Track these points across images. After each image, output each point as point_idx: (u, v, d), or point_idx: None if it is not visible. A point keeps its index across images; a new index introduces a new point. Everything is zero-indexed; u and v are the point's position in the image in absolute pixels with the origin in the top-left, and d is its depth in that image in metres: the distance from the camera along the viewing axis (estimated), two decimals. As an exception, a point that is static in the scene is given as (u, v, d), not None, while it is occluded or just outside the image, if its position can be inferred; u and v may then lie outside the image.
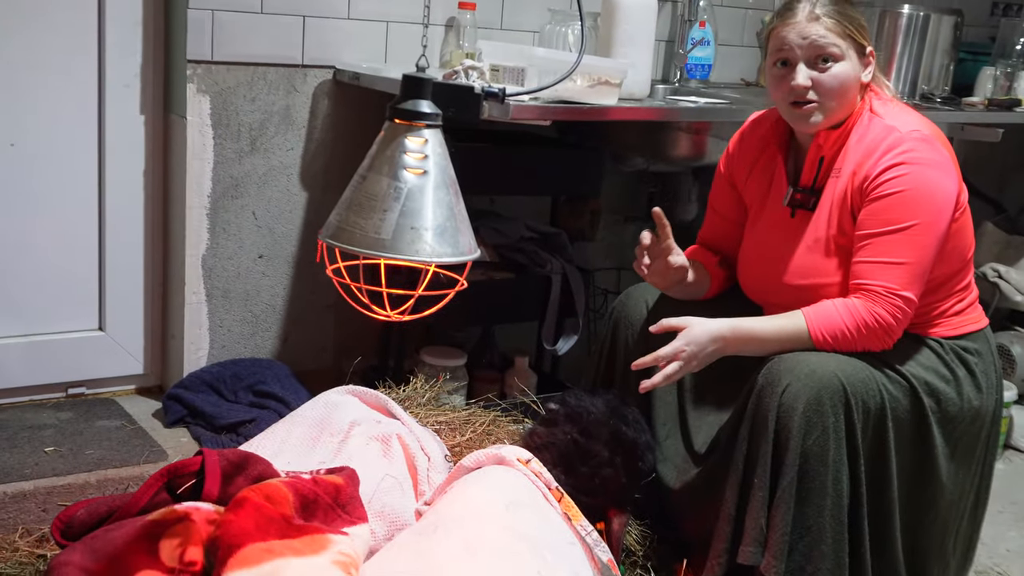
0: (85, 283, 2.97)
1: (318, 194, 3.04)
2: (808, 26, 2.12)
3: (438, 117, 1.74)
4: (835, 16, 2.13)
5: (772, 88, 2.21)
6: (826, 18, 2.12)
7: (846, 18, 2.14)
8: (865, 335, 2.07)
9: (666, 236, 2.26)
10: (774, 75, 2.19)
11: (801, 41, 2.13)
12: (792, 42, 2.14)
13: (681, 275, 2.29)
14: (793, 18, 2.14)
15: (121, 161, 2.92)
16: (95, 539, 1.67)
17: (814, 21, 2.12)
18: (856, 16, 2.17)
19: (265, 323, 3.07)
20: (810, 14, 2.13)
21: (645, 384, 2.12)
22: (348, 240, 1.67)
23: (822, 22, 2.12)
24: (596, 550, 1.94)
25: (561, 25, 3.09)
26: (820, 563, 2.00)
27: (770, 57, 2.19)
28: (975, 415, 2.20)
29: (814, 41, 2.12)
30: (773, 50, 2.18)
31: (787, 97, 2.17)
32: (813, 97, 2.14)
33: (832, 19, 2.12)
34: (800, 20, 2.13)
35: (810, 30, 2.12)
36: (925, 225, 2.06)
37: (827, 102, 2.15)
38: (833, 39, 2.12)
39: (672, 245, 2.27)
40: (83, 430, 2.79)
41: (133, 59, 2.87)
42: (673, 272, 2.28)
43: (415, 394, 2.60)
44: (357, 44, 2.99)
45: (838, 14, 2.13)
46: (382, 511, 1.95)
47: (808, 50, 2.13)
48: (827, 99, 2.14)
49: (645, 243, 2.27)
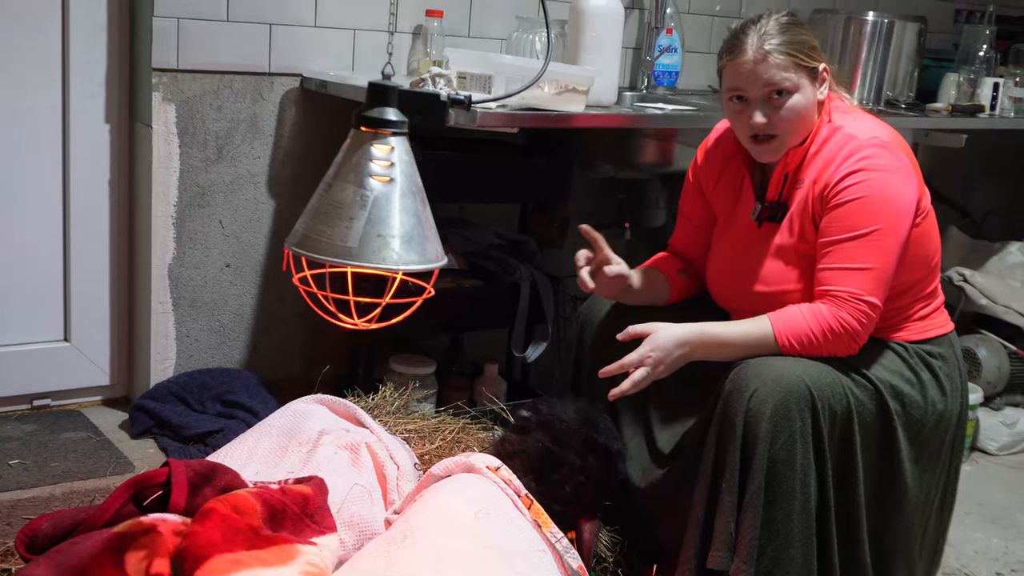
0: (50, 293, 2.94)
1: (286, 203, 3.03)
2: (758, 66, 2.11)
3: (404, 124, 1.74)
4: (784, 50, 2.10)
5: (731, 121, 2.23)
6: (775, 54, 2.10)
7: (795, 47, 2.12)
8: (831, 340, 2.08)
9: (600, 249, 2.27)
10: (731, 109, 2.19)
11: (753, 79, 2.12)
12: (744, 80, 2.13)
13: (624, 283, 2.30)
14: (742, 56, 2.12)
15: (86, 170, 2.90)
16: (60, 552, 1.65)
17: (763, 60, 2.10)
18: (805, 39, 2.15)
19: (233, 332, 3.05)
20: (758, 52, 2.11)
21: (614, 392, 2.12)
22: (314, 248, 1.66)
23: (771, 59, 2.10)
24: (566, 557, 1.94)
25: (528, 32, 3.09)
26: (789, 567, 2.00)
27: (725, 92, 2.19)
28: (939, 418, 2.21)
29: (766, 81, 2.11)
30: (727, 87, 2.18)
31: (747, 131, 2.18)
32: (772, 132, 2.15)
33: (781, 54, 2.10)
34: (749, 59, 2.11)
35: (760, 69, 2.11)
36: (886, 230, 2.08)
37: (786, 135, 2.16)
38: (784, 75, 2.11)
39: (607, 256, 2.27)
40: (48, 442, 2.76)
41: (98, 67, 2.85)
42: (615, 281, 2.28)
43: (384, 402, 2.60)
44: (324, 52, 2.99)
45: (787, 45, 2.11)
46: (351, 520, 1.95)
47: (761, 89, 2.12)
48: (786, 132, 2.15)
49: (582, 262, 2.28)
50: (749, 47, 2.12)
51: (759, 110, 2.14)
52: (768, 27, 2.12)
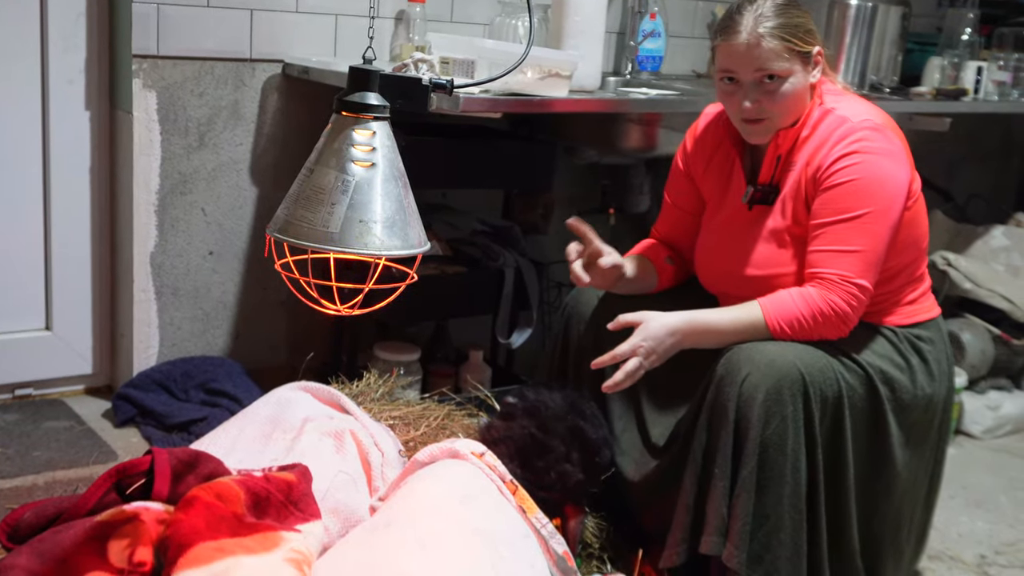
0: (31, 282, 2.92)
1: (268, 189, 3.01)
2: (751, 48, 2.10)
3: (386, 109, 1.72)
4: (778, 34, 2.09)
5: (722, 101, 2.21)
6: (769, 38, 2.08)
7: (789, 30, 2.10)
8: (821, 323, 2.08)
9: (589, 242, 2.25)
10: (723, 89, 2.18)
11: (746, 63, 2.11)
12: (737, 63, 2.12)
13: (618, 272, 2.29)
14: (736, 38, 2.11)
15: (66, 158, 2.87)
16: (42, 541, 1.64)
17: (756, 43, 2.09)
18: (800, 22, 2.13)
19: (216, 320, 3.04)
20: (751, 34, 2.09)
21: (607, 385, 2.11)
22: (296, 234, 1.64)
23: (765, 43, 2.09)
24: (551, 542, 1.94)
25: (511, 17, 3.08)
26: (779, 550, 2.01)
27: (717, 72, 2.18)
28: (928, 402, 2.22)
29: (759, 64, 2.10)
30: (719, 67, 2.17)
31: (738, 113, 2.17)
32: (763, 115, 2.15)
33: (775, 39, 2.09)
34: (743, 41, 2.10)
35: (753, 52, 2.10)
36: (878, 213, 2.07)
37: (777, 117, 2.15)
38: (777, 59, 2.10)
39: (599, 248, 2.25)
40: (30, 431, 2.74)
41: (77, 54, 2.83)
42: (610, 272, 2.27)
43: (368, 389, 2.59)
44: (306, 38, 2.97)
45: (781, 29, 2.09)
46: (335, 507, 1.94)
47: (754, 72, 2.12)
48: (777, 114, 2.15)
49: (573, 256, 2.26)
50: (743, 29, 2.10)
51: (750, 94, 2.13)
52: (764, 8, 2.10)
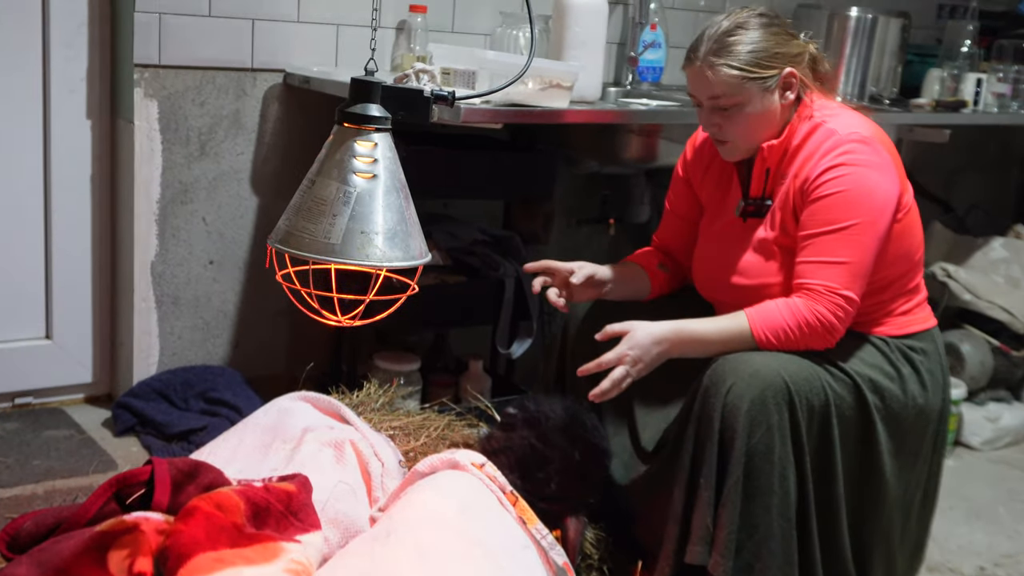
0: (31, 291, 2.92)
1: (269, 199, 3.02)
2: (703, 79, 2.12)
3: (387, 120, 1.73)
4: (730, 63, 2.09)
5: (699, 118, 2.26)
6: (724, 67, 2.09)
7: (743, 58, 2.09)
8: (807, 333, 2.09)
9: (554, 272, 2.29)
10: (695, 108, 2.23)
11: (700, 89, 2.15)
12: (693, 87, 2.17)
13: (594, 282, 2.32)
14: (691, 64, 2.14)
15: (67, 167, 2.88)
16: (42, 551, 1.64)
17: (708, 73, 2.10)
18: (764, 46, 2.11)
19: (216, 329, 3.04)
20: (703, 62, 2.11)
21: (593, 393, 2.12)
22: (297, 245, 1.65)
23: (717, 73, 2.09)
24: (551, 553, 1.94)
25: (512, 28, 3.09)
26: (769, 560, 2.01)
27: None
28: (920, 412, 2.22)
29: (710, 92, 2.13)
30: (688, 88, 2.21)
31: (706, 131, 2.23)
32: (725, 137, 2.18)
33: (729, 68, 2.09)
34: (696, 68, 2.13)
35: (704, 83, 2.12)
36: (865, 225, 2.08)
37: (740, 139, 2.18)
38: (727, 88, 2.11)
39: (564, 270, 2.28)
40: (30, 440, 2.74)
41: (79, 63, 2.83)
42: (587, 285, 2.30)
43: (368, 399, 2.59)
44: (307, 47, 2.97)
45: (732, 57, 2.09)
46: (335, 518, 1.94)
47: (707, 99, 2.15)
48: (739, 136, 2.18)
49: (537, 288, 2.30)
50: (698, 56, 2.13)
51: (710, 117, 2.17)
52: (720, 35, 2.11)
